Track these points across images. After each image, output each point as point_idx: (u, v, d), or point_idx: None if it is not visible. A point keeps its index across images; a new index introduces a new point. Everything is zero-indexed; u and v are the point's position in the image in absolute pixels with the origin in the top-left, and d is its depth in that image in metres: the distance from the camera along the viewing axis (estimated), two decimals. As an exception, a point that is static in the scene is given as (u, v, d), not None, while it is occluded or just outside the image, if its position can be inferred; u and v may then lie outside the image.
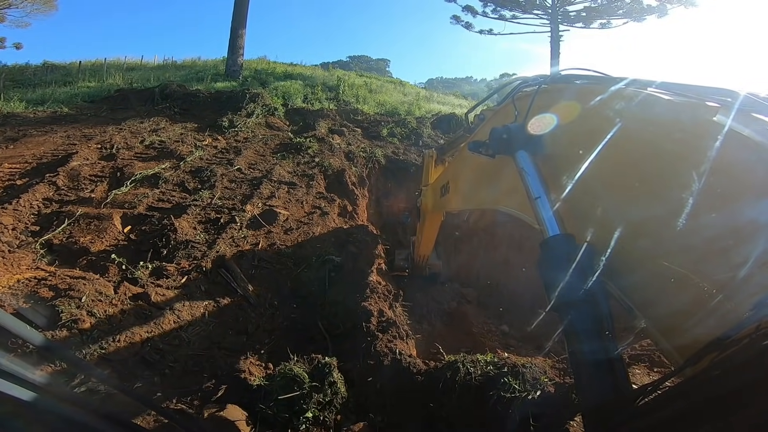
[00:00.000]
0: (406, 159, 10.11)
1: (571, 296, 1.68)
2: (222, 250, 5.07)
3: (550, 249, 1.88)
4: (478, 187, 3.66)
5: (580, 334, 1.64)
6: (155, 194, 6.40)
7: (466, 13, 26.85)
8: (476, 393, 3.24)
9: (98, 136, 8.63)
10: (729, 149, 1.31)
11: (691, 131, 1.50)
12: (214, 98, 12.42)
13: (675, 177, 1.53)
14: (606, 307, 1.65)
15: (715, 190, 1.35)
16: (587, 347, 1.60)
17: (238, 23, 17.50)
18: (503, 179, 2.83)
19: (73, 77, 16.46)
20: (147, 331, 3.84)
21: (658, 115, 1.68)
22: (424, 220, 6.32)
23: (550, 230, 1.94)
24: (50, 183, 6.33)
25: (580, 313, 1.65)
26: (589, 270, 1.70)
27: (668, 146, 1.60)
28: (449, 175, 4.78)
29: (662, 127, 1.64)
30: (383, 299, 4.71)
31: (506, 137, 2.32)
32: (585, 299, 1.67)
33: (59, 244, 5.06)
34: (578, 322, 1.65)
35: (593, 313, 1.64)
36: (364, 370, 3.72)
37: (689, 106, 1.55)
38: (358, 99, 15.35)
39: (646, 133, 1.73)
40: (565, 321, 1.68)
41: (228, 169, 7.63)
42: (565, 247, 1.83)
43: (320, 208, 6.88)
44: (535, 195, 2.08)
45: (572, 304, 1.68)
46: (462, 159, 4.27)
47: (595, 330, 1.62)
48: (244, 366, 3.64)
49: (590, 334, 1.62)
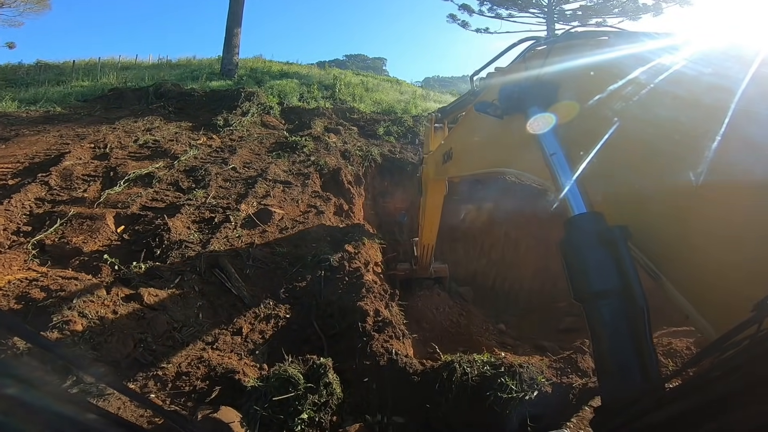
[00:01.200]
0: (402, 158, 10.08)
1: (603, 286, 1.49)
2: (216, 250, 5.02)
3: (577, 230, 1.65)
4: (485, 150, 3.54)
5: (612, 331, 1.45)
6: (149, 194, 6.35)
7: (462, 11, 26.87)
8: (473, 393, 3.22)
9: (91, 136, 8.55)
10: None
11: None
12: (209, 97, 12.35)
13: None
14: (643, 299, 1.43)
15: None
16: (619, 345, 1.41)
17: (234, 22, 17.40)
18: (512, 140, 2.73)
19: (66, 76, 16.31)
20: (140, 332, 3.79)
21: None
22: (426, 193, 6.03)
23: (575, 207, 1.74)
24: (42, 183, 6.27)
25: (612, 305, 1.46)
26: (624, 255, 1.49)
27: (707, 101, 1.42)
28: (452, 141, 4.63)
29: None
30: (379, 299, 4.68)
31: (518, 94, 2.23)
32: (620, 289, 1.46)
33: (51, 245, 5.00)
34: (610, 316, 1.46)
35: (629, 306, 1.44)
36: (360, 370, 3.69)
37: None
38: (355, 98, 15.29)
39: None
40: (593, 314, 1.50)
41: (223, 168, 7.58)
42: (596, 227, 1.61)
43: (316, 207, 6.84)
44: (551, 151, 1.93)
45: (604, 294, 1.48)
46: (467, 122, 4.13)
47: (630, 326, 1.42)
48: (238, 367, 3.61)
49: (623, 331, 1.43)
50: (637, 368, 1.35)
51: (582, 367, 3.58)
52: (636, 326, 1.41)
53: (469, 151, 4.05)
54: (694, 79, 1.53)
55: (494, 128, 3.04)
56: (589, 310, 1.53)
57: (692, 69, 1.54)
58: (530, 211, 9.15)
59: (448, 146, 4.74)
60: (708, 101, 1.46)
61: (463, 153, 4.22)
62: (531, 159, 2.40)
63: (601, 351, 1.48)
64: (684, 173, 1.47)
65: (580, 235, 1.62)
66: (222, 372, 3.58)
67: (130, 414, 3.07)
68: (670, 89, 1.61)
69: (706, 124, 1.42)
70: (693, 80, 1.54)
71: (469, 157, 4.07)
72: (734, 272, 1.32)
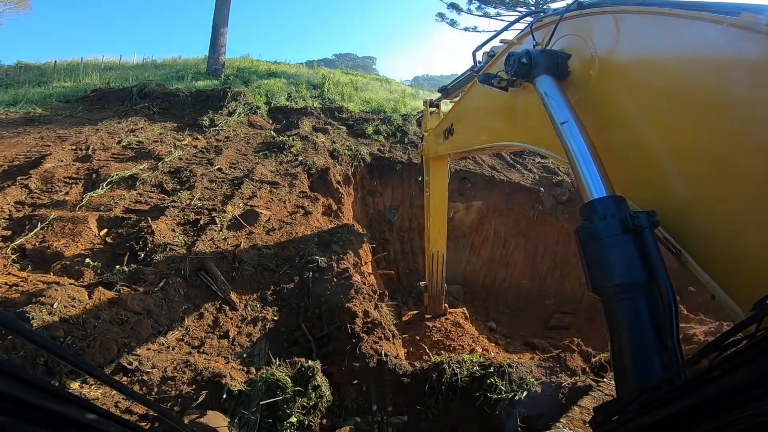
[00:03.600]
0: (392, 156, 10.05)
1: (626, 278, 1.38)
2: (202, 252, 4.94)
3: (597, 216, 1.50)
4: (487, 124, 3.46)
5: (633, 328, 1.34)
6: (132, 196, 6.23)
7: (451, 10, 26.86)
8: (463, 394, 3.20)
9: (73, 137, 8.38)
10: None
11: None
12: (194, 97, 12.19)
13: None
14: (671, 294, 1.30)
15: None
16: (640, 344, 1.31)
17: (220, 21, 17.20)
18: (517, 112, 2.66)
19: (47, 77, 15.98)
20: (124, 336, 3.71)
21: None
22: (429, 174, 5.83)
23: (593, 189, 1.59)
24: (22, 186, 6.12)
25: (635, 300, 1.35)
26: (651, 244, 1.36)
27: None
28: (453, 117, 4.55)
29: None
30: (368, 300, 4.64)
31: (526, 61, 2.11)
32: (645, 283, 1.35)
33: (32, 249, 4.88)
34: (632, 311, 1.34)
35: (655, 301, 1.33)
36: (350, 372, 3.65)
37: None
38: (344, 97, 15.21)
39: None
40: (613, 309, 1.39)
41: (208, 169, 7.47)
42: (618, 212, 1.47)
43: (303, 207, 6.77)
44: (562, 120, 1.81)
45: (626, 288, 1.37)
46: (468, 97, 4.06)
47: (655, 323, 1.31)
48: (225, 371, 3.55)
49: (646, 328, 1.32)
50: (660, 370, 1.27)
51: (571, 366, 3.58)
52: (661, 323, 1.31)
53: (471, 125, 3.98)
54: (722, 44, 1.42)
55: (498, 101, 2.96)
56: (608, 304, 1.43)
57: (721, 33, 1.42)
58: (519, 209, 9.21)
59: (448, 122, 4.69)
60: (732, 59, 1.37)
61: (465, 128, 4.16)
62: (537, 131, 2.35)
63: (621, 348, 1.39)
64: (721, 131, 1.37)
65: (600, 221, 1.48)
66: (209, 376, 3.51)
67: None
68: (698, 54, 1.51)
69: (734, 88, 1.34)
70: (721, 43, 1.43)
71: (470, 132, 4.01)
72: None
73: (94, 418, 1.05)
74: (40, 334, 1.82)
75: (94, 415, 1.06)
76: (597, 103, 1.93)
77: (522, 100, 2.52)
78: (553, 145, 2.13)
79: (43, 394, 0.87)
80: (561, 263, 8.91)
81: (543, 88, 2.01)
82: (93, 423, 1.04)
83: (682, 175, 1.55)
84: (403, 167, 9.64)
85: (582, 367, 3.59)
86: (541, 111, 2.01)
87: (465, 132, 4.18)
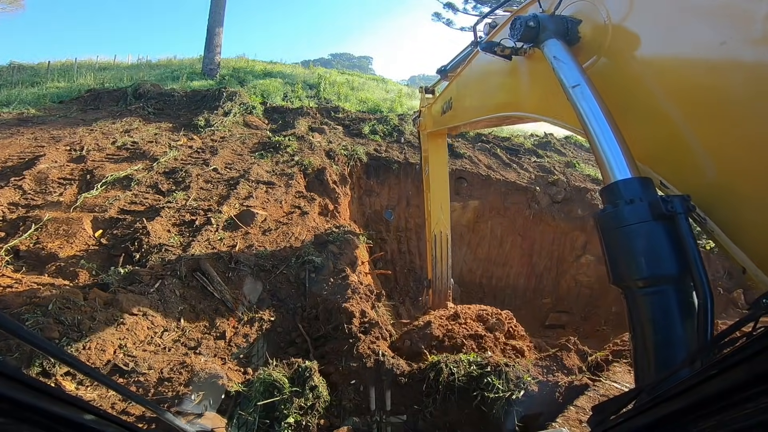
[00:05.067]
0: (388, 156, 10.04)
1: (655, 270, 1.24)
2: (197, 253, 4.92)
3: (623, 199, 1.36)
4: (489, 94, 3.36)
5: (663, 326, 1.21)
6: (127, 197, 6.19)
7: (447, 9, 26.87)
8: (460, 393, 3.20)
9: (67, 138, 8.32)
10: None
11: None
12: (189, 97, 12.14)
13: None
14: (707, 289, 1.16)
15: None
16: (669, 343, 1.18)
17: (215, 21, 17.13)
18: (521, 81, 2.55)
19: (41, 78, 15.86)
20: (119, 337, 3.69)
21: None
22: (428, 150, 5.74)
23: (616, 169, 1.43)
24: (16, 187, 6.08)
25: (665, 295, 1.22)
26: (685, 232, 1.22)
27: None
28: (452, 91, 4.49)
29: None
30: (365, 300, 4.64)
31: (534, 24, 1.99)
32: (677, 276, 1.22)
33: (26, 250, 4.84)
34: (662, 307, 1.22)
35: (688, 296, 1.20)
36: (347, 372, 3.65)
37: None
38: (340, 96, 15.20)
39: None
40: (640, 304, 1.26)
41: (204, 169, 7.44)
42: (646, 196, 1.33)
43: (300, 207, 6.76)
44: (573, 83, 1.69)
45: (656, 281, 1.24)
46: (468, 70, 3.96)
47: (687, 321, 1.19)
48: (222, 372, 3.53)
49: (676, 327, 1.19)
50: (687, 372, 1.06)
51: (567, 365, 3.59)
52: (695, 321, 1.18)
53: (471, 98, 3.90)
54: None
55: (501, 70, 2.85)
56: (632, 297, 1.29)
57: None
58: (515, 208, 9.23)
59: (447, 96, 4.64)
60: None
61: (465, 100, 4.09)
62: (544, 100, 2.24)
63: (645, 346, 1.25)
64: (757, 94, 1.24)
65: (627, 206, 1.33)
66: (205, 377, 3.50)
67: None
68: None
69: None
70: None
71: (471, 104, 3.93)
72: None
73: (92, 419, 1.05)
74: (38, 335, 1.83)
75: (91, 416, 1.06)
76: (611, 72, 1.81)
77: (527, 69, 2.41)
78: (560, 113, 2.04)
79: (41, 395, 0.87)
80: (557, 262, 8.94)
81: (552, 51, 1.89)
82: (91, 424, 1.04)
83: (709, 148, 1.43)
84: (399, 167, 9.63)
85: (578, 365, 3.60)
86: (547, 79, 1.90)
87: (464, 105, 4.11)
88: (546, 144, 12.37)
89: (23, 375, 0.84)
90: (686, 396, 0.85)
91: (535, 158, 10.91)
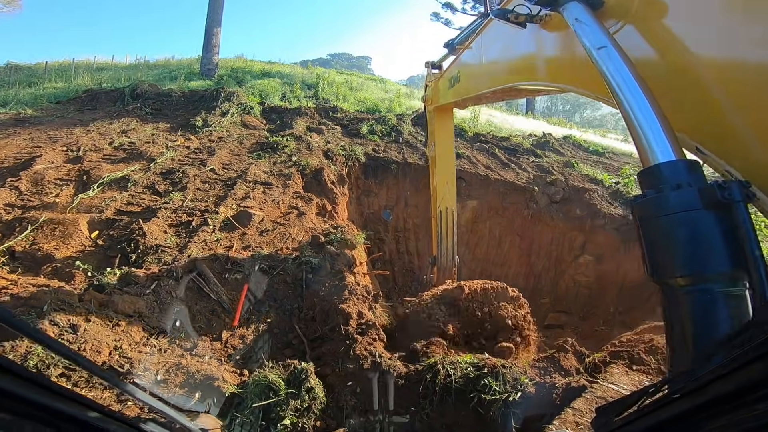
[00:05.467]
0: (387, 156, 10.02)
1: (704, 267, 1.09)
2: (194, 254, 4.90)
3: (668, 184, 1.19)
4: (501, 64, 3.22)
5: (708, 330, 1.06)
6: (124, 197, 6.17)
7: (446, 9, 26.90)
8: (457, 395, 3.19)
9: (64, 138, 8.30)
10: None
11: None
12: (187, 97, 12.12)
13: None
14: (766, 288, 1.00)
15: None
16: (713, 345, 1.03)
17: (213, 21, 17.12)
18: (536, 48, 2.41)
19: (38, 78, 15.83)
20: (115, 339, 3.67)
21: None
22: (434, 124, 5.55)
23: (657, 150, 1.25)
24: (12, 188, 6.05)
25: (713, 295, 1.06)
26: (743, 224, 1.06)
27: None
28: (460, 64, 4.38)
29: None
30: (362, 300, 4.62)
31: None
32: (730, 273, 1.06)
33: (22, 252, 4.83)
34: (709, 309, 1.07)
35: (743, 298, 1.05)
36: (344, 374, 3.63)
37: None
38: (338, 97, 15.19)
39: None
40: (682, 304, 1.11)
41: (201, 169, 7.42)
42: (695, 181, 1.17)
43: (297, 208, 6.74)
44: (598, 45, 1.53)
45: (703, 278, 1.09)
46: (478, 42, 3.83)
47: (739, 326, 1.03)
48: (218, 373, 3.52)
49: (724, 329, 1.04)
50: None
51: (565, 366, 3.58)
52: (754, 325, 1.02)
53: (482, 69, 3.76)
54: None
55: (515, 39, 2.71)
56: (674, 296, 1.14)
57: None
58: (514, 208, 9.22)
59: (455, 70, 4.56)
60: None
61: (475, 72, 3.98)
62: (561, 65, 2.10)
63: (685, 348, 1.11)
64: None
65: (673, 191, 1.17)
66: (201, 378, 3.48)
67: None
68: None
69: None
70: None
71: (481, 76, 3.81)
72: None
73: (96, 416, 1.06)
74: (41, 331, 1.82)
75: (94, 413, 1.06)
76: (639, 41, 1.65)
77: (544, 36, 2.25)
78: (581, 80, 1.90)
79: (44, 391, 0.88)
80: (556, 262, 8.92)
81: (574, 14, 1.73)
82: (93, 421, 1.04)
83: (749, 112, 1.30)
84: (398, 167, 9.62)
85: (576, 367, 3.59)
86: (567, 45, 1.79)
87: (474, 77, 4.00)
88: (544, 144, 12.38)
89: (27, 371, 0.85)
90: (692, 398, 0.84)
91: (533, 158, 10.91)
